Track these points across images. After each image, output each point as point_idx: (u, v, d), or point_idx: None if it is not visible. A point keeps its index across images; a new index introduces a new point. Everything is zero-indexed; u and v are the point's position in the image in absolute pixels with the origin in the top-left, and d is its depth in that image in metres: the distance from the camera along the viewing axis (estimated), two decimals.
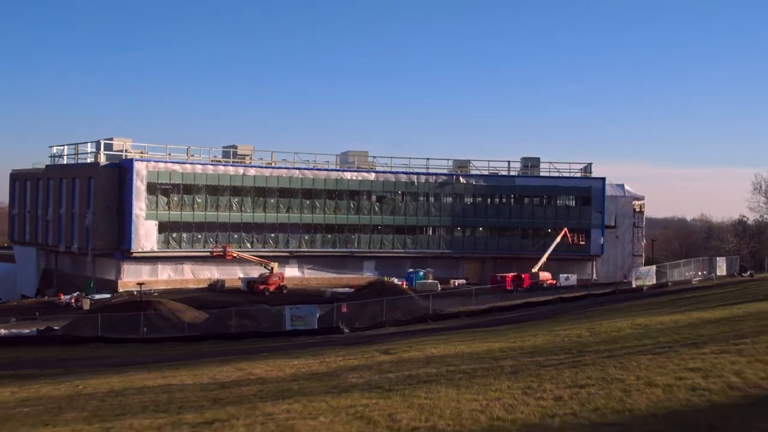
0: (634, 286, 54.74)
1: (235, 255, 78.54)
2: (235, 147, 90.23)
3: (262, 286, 77.98)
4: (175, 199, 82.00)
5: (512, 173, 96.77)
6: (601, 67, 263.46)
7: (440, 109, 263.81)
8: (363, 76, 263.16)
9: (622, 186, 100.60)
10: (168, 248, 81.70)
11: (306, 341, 36.48)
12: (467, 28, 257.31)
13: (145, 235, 79.96)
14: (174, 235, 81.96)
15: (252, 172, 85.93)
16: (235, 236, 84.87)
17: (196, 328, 45.99)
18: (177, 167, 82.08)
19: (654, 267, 57.52)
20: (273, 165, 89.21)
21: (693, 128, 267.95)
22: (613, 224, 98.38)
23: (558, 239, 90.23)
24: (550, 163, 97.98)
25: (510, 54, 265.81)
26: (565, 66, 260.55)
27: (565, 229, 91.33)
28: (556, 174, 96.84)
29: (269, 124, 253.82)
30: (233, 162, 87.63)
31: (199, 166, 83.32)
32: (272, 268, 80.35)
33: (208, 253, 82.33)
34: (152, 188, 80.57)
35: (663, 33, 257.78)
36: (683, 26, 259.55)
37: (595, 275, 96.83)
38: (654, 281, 55.96)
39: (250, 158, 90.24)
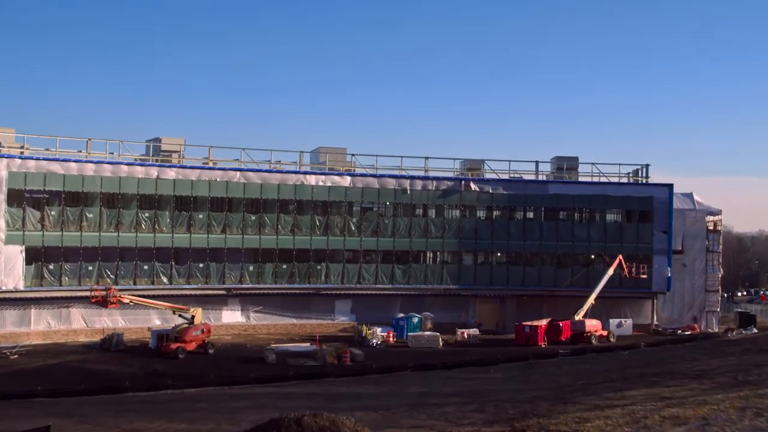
0: None
1: (126, 301, 52.10)
2: (158, 141, 64.27)
3: (174, 346, 51.77)
4: (54, 213, 55.95)
5: (541, 178, 70.60)
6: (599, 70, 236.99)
7: (444, 103, 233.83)
8: (350, 61, 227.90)
9: (690, 196, 74.11)
10: (42, 286, 55.60)
11: None
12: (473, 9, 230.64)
13: (6, 267, 53.98)
14: (51, 267, 55.86)
15: (171, 174, 59.70)
16: (145, 267, 58.71)
17: None
18: (57, 167, 56.06)
19: None
20: (208, 165, 63.10)
21: (696, 137, 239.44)
22: (680, 248, 72.05)
23: (610, 271, 64.35)
24: (592, 164, 71.74)
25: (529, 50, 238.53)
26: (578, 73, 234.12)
27: (620, 256, 65.32)
28: (602, 179, 70.56)
29: (235, 122, 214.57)
30: (155, 161, 61.65)
31: (92, 166, 57.23)
32: (193, 317, 54.16)
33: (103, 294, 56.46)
34: (17, 197, 54.72)
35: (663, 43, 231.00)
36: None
37: (656, 319, 70.75)
38: None
39: (181, 156, 64.25)
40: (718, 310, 74.10)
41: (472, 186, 66.61)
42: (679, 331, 69.39)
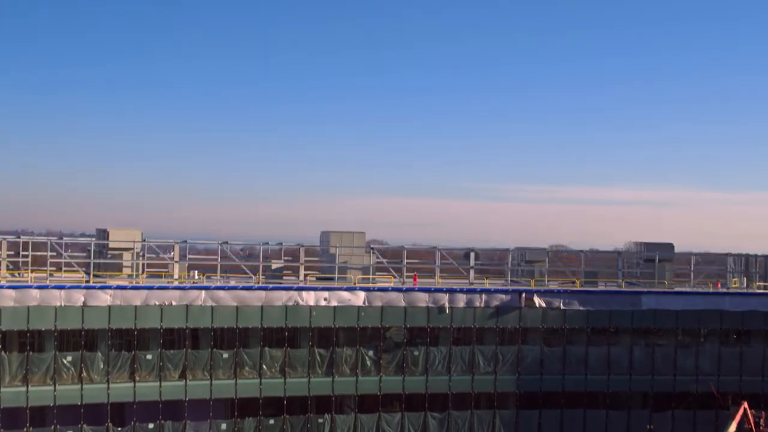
0: None
1: None
2: (104, 233, 46.58)
3: None
4: None
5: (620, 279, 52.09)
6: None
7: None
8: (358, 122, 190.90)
9: None
10: None
11: None
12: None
13: None
14: None
15: (105, 297, 41.73)
16: None
17: None
18: None
19: None
20: (171, 272, 45.33)
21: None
22: None
23: (733, 427, 45.55)
24: (692, 255, 53.01)
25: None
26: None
27: (744, 404, 46.44)
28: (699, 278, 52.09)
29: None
30: (96, 272, 43.99)
31: None
32: None
33: None
34: None
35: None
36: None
37: None
38: None
39: (135, 256, 46.34)
40: None
41: (536, 300, 47.91)
42: None
